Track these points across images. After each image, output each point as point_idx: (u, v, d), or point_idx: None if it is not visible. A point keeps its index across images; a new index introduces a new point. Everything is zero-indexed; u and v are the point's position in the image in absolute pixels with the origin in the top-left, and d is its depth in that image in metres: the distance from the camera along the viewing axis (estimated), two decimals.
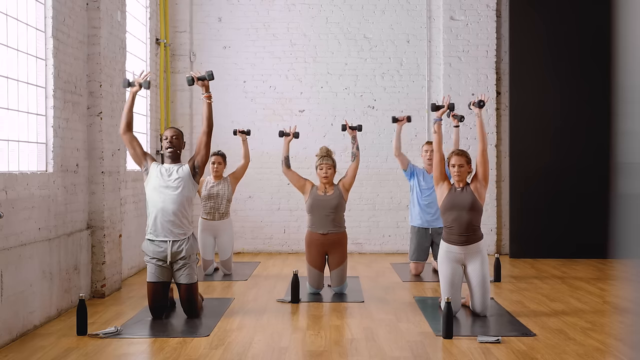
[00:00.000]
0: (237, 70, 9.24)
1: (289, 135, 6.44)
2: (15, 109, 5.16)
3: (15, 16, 5.17)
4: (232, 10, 9.24)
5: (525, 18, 8.80)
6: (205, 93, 5.28)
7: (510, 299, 6.05)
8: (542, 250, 8.63)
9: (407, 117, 6.87)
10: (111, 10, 6.45)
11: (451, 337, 4.71)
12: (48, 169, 5.49)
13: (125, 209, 7.14)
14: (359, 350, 4.45)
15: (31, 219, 5.04)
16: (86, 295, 5.87)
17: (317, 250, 6.23)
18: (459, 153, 5.38)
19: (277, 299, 6.02)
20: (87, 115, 6.19)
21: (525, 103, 8.76)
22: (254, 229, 9.23)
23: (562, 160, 8.69)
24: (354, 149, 6.38)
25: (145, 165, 5.35)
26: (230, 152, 8.19)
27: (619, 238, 2.71)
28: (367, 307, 5.76)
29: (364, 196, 9.19)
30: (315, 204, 6.22)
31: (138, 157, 5.37)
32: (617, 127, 3.13)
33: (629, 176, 2.61)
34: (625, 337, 4.72)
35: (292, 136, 6.45)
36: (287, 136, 6.44)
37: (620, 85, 2.71)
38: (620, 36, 2.71)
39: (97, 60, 6.20)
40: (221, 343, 4.63)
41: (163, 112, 8.80)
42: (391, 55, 9.26)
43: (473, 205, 5.29)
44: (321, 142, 8.97)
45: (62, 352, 4.41)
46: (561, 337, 4.76)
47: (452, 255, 5.32)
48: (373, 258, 8.76)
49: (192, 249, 5.28)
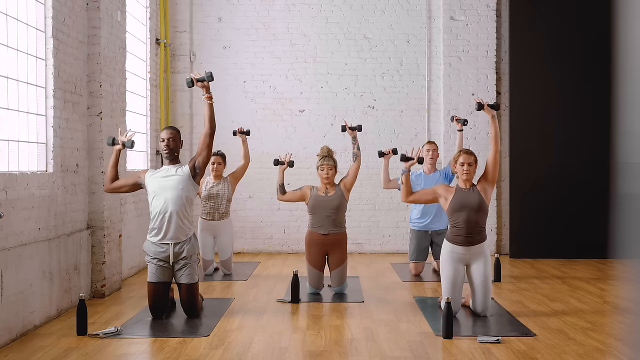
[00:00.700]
0: (237, 70, 9.24)
1: (284, 164, 6.45)
2: (15, 109, 5.16)
3: (15, 16, 5.17)
4: (232, 10, 9.24)
5: (525, 18, 8.80)
6: (206, 94, 5.28)
7: (510, 299, 6.05)
8: (542, 250, 8.63)
9: (393, 150, 6.78)
10: (111, 10, 6.44)
11: (451, 337, 4.71)
12: (48, 169, 5.49)
13: (125, 209, 7.13)
14: (359, 350, 4.45)
15: (31, 219, 5.04)
16: (86, 295, 5.87)
17: (318, 250, 6.23)
18: (468, 152, 5.39)
19: (277, 299, 6.02)
20: (87, 115, 6.19)
21: (525, 103, 8.76)
22: (254, 229, 9.23)
23: (562, 160, 8.68)
24: (355, 149, 6.38)
25: (141, 184, 5.35)
26: (230, 153, 8.20)
27: (619, 238, 2.71)
28: (367, 307, 5.76)
29: (364, 196, 9.19)
30: (317, 204, 6.22)
31: (134, 186, 5.40)
32: (618, 127, 3.13)
33: (629, 176, 2.61)
34: (625, 337, 4.73)
35: (287, 165, 6.46)
36: (281, 165, 6.45)
37: (620, 85, 2.71)
38: (621, 36, 2.71)
39: (97, 60, 6.20)
40: (221, 343, 4.63)
41: (163, 112, 8.80)
42: (391, 55, 9.26)
43: (481, 205, 5.29)
44: (321, 142, 8.97)
45: (62, 352, 4.41)
46: (561, 337, 4.76)
47: (455, 256, 5.31)
48: (373, 258, 8.76)
49: (193, 249, 5.29)
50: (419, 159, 5.85)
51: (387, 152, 6.74)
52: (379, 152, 6.77)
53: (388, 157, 6.86)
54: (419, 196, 5.56)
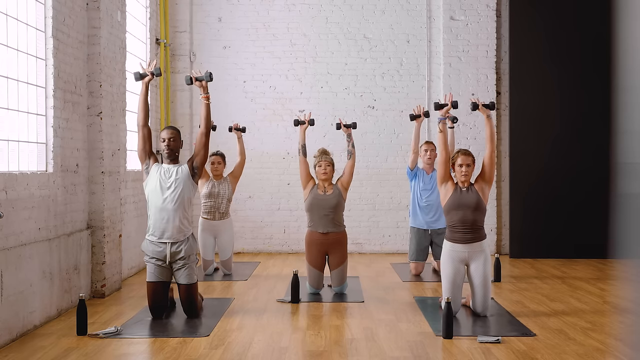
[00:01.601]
0: (237, 70, 9.24)
1: (304, 124, 6.44)
2: (15, 109, 5.16)
3: (15, 16, 5.17)
4: (232, 10, 9.24)
5: (525, 18, 8.80)
6: (204, 94, 5.28)
7: (510, 299, 6.05)
8: (542, 250, 8.63)
9: (425, 113, 6.88)
10: (111, 10, 6.44)
11: (451, 337, 4.71)
12: (48, 169, 5.49)
13: (125, 209, 7.14)
14: (359, 350, 4.45)
15: (31, 219, 5.04)
16: (86, 295, 5.87)
17: (318, 250, 6.24)
18: (466, 152, 5.38)
19: (277, 299, 6.02)
20: (87, 115, 6.19)
21: (525, 103, 8.76)
22: (254, 229, 9.23)
23: (562, 160, 8.68)
24: (350, 146, 6.39)
25: (147, 163, 5.32)
26: (230, 153, 8.19)
27: (619, 238, 2.71)
28: (367, 307, 5.76)
29: (364, 196, 9.19)
30: (314, 202, 6.22)
31: (145, 153, 5.33)
32: (617, 127, 3.13)
33: (629, 176, 2.61)
34: (625, 337, 4.72)
35: (308, 124, 6.45)
36: (302, 124, 6.44)
37: (620, 84, 2.71)
38: (621, 36, 2.71)
39: (97, 60, 6.20)
40: (221, 343, 4.63)
41: (163, 112, 8.80)
42: (391, 55, 9.26)
43: (478, 205, 5.29)
44: (321, 142, 8.97)
45: (62, 352, 4.41)
46: (561, 337, 4.76)
47: (455, 255, 5.31)
48: (373, 258, 8.76)
49: (191, 249, 5.29)
50: (452, 102, 5.60)
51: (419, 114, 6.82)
52: (410, 116, 6.90)
53: (420, 121, 6.95)
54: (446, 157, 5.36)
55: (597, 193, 8.50)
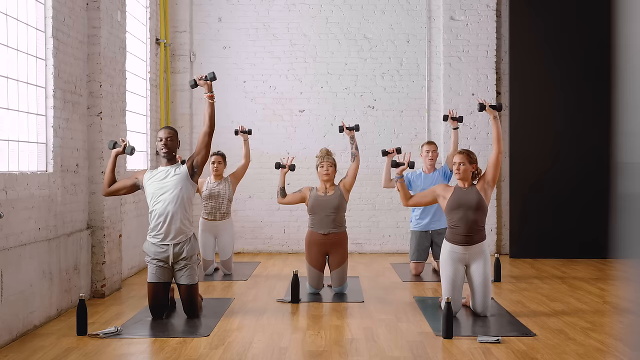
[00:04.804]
0: (237, 70, 9.24)
1: (285, 168, 6.45)
2: (15, 109, 5.15)
3: (15, 16, 5.17)
4: (232, 10, 9.24)
5: (526, 18, 8.80)
6: (208, 93, 5.28)
7: (510, 299, 6.05)
8: (542, 250, 8.63)
9: (397, 149, 6.75)
10: (111, 10, 6.44)
11: (451, 337, 4.71)
12: (48, 169, 5.49)
13: (125, 209, 7.13)
14: (359, 350, 4.45)
15: (31, 219, 5.04)
16: (86, 295, 5.87)
17: (318, 250, 6.24)
18: (461, 152, 5.43)
19: (277, 299, 6.02)
20: (87, 115, 6.19)
21: (525, 103, 8.76)
22: (254, 229, 9.23)
23: (562, 160, 8.68)
24: (353, 149, 6.39)
25: (139, 185, 5.34)
26: (231, 152, 8.19)
27: (619, 238, 2.71)
28: (367, 307, 5.76)
29: (364, 196, 9.19)
30: (316, 204, 6.22)
31: (132, 188, 5.39)
32: (618, 127, 3.13)
33: (629, 176, 2.61)
34: (625, 337, 4.72)
35: (288, 169, 6.46)
36: (283, 168, 6.46)
37: (620, 85, 2.71)
38: (621, 36, 2.71)
39: (97, 60, 6.20)
40: (221, 343, 4.63)
41: (163, 112, 8.80)
42: (391, 55, 9.26)
43: (479, 204, 5.29)
44: (321, 142, 8.98)
45: (62, 352, 4.41)
46: (561, 337, 4.76)
47: (455, 255, 5.31)
48: (373, 258, 8.76)
49: (193, 249, 5.28)
50: (409, 163, 5.76)
51: (391, 151, 6.67)
52: (382, 151, 6.70)
53: (391, 156, 6.82)
54: (418, 199, 5.59)
55: (597, 193, 8.50)
